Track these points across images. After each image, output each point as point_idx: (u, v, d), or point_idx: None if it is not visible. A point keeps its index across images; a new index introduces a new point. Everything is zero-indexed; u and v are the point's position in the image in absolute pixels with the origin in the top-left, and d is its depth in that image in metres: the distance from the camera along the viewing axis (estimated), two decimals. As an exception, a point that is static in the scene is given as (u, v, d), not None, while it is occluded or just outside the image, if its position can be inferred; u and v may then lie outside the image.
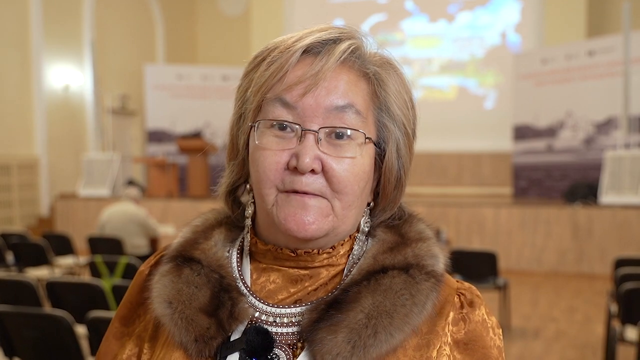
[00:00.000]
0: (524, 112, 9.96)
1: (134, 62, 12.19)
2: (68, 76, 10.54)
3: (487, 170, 11.58)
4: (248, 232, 0.78)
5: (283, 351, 0.70)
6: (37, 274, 5.34)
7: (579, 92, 9.26)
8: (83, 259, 5.97)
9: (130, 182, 9.58)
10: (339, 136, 0.70)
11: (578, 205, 7.83)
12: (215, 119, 11.76)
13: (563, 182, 9.33)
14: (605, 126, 8.98)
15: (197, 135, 10.73)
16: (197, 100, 11.93)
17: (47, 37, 9.99)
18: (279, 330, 0.71)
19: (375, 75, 0.74)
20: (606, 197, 7.78)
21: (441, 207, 8.28)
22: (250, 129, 0.73)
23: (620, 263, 4.60)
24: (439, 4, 11.89)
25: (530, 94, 9.85)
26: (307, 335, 0.68)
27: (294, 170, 0.69)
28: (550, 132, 9.65)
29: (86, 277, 5.07)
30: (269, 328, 0.71)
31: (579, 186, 8.31)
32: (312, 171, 0.69)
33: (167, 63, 13.13)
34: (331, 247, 0.74)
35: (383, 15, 12.11)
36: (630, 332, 3.49)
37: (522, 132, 10.01)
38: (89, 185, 9.87)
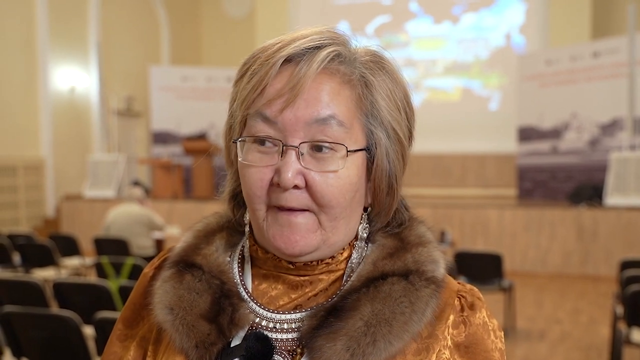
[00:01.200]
0: (529, 113, 9.94)
1: (139, 63, 12.23)
2: (74, 78, 10.59)
3: (492, 172, 11.55)
4: (247, 239, 0.78)
5: (282, 357, 0.70)
6: (43, 274, 5.37)
7: (584, 93, 9.23)
8: (89, 259, 6.00)
9: (136, 183, 9.61)
10: (320, 149, 0.68)
11: (583, 207, 7.81)
12: (220, 120, 11.63)
13: (568, 183, 9.30)
14: (610, 127, 8.95)
15: (202, 136, 10.78)
16: (202, 101, 11.95)
17: (53, 39, 10.04)
18: (279, 336, 0.71)
19: (361, 79, 0.71)
20: (611, 198, 7.76)
21: (445, 209, 8.27)
22: (236, 144, 0.72)
23: (626, 265, 4.59)
24: (444, 5, 11.87)
25: (535, 96, 9.83)
26: (306, 342, 0.68)
27: (278, 186, 0.68)
28: (555, 133, 9.62)
29: (92, 277, 5.09)
30: (269, 334, 0.71)
31: (584, 188, 8.29)
32: (296, 187, 0.68)
33: (172, 65, 13.16)
34: (330, 257, 0.74)
35: (387, 17, 12.11)
36: (636, 334, 3.49)
37: (526, 134, 9.98)
38: (95, 186, 9.91)
